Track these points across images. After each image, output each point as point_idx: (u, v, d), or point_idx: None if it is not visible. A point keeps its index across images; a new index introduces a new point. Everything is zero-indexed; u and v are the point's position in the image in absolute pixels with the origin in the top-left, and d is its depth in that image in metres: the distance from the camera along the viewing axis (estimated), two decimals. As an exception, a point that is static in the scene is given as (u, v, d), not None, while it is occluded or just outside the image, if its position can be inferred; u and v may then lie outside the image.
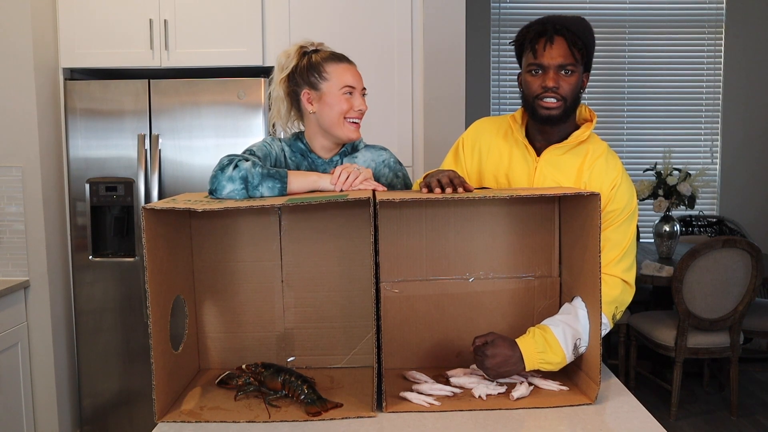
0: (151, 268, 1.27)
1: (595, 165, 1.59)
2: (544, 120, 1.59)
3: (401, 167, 1.80)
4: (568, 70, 1.56)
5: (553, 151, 1.61)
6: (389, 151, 1.81)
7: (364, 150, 1.77)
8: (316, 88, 1.67)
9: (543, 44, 1.56)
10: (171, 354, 1.37)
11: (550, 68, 1.56)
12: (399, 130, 3.00)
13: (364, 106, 1.69)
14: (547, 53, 1.55)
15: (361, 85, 1.70)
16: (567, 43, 1.56)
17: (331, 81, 1.66)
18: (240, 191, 1.45)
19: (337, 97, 1.65)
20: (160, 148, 2.94)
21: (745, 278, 3.23)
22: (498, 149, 1.73)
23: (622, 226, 1.55)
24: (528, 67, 1.59)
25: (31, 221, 2.85)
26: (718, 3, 4.63)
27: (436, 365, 1.52)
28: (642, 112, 4.71)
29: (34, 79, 2.80)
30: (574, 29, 1.58)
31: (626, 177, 1.61)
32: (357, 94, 1.68)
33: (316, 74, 1.66)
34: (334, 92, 1.65)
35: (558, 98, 1.56)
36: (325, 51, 1.71)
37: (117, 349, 3.01)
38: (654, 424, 1.23)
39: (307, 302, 1.55)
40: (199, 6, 2.95)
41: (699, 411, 3.57)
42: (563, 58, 1.55)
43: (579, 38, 1.57)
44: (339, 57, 1.70)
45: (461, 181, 1.40)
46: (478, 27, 4.62)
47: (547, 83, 1.55)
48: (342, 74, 1.66)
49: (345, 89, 1.66)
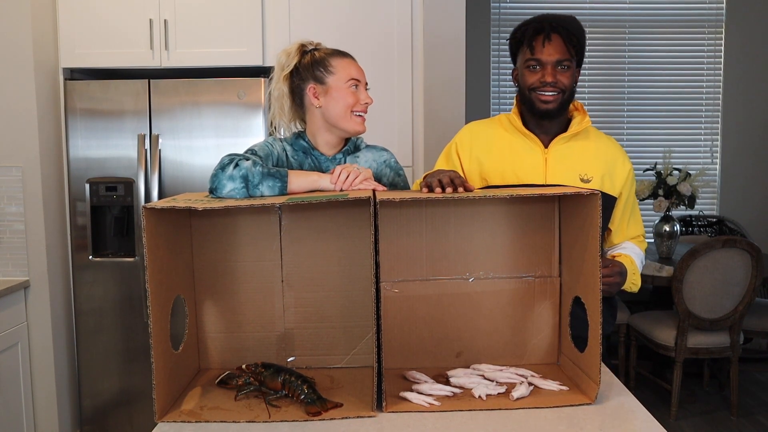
0: (151, 268, 1.27)
1: (609, 148, 1.77)
2: (542, 113, 1.69)
3: (402, 168, 1.82)
4: (564, 66, 1.66)
5: (560, 141, 1.71)
6: (390, 152, 1.82)
7: (365, 150, 1.78)
8: (322, 82, 1.67)
9: (541, 41, 1.65)
10: (171, 354, 1.37)
11: (548, 64, 1.65)
12: (399, 130, 3.00)
13: (369, 99, 1.70)
14: (546, 50, 1.65)
15: (365, 79, 1.71)
16: (563, 39, 1.66)
17: (337, 74, 1.67)
18: (240, 190, 1.45)
19: (343, 90, 1.66)
20: (160, 148, 2.94)
21: (745, 278, 3.23)
22: (499, 148, 1.75)
23: (637, 203, 1.85)
24: (526, 63, 1.68)
25: (31, 221, 2.85)
26: (718, 3, 4.63)
27: (436, 365, 1.52)
28: (642, 112, 4.71)
29: (34, 79, 2.80)
30: (569, 27, 1.67)
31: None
32: (362, 87, 1.70)
33: (321, 68, 1.67)
34: (341, 85, 1.66)
35: (556, 91, 1.66)
36: (326, 48, 1.73)
37: (117, 349, 3.01)
38: (654, 424, 1.23)
39: (307, 302, 1.55)
40: (199, 6, 2.95)
41: (699, 411, 3.57)
42: (560, 54, 1.65)
43: (573, 35, 1.67)
44: (342, 52, 1.71)
45: (462, 181, 1.40)
46: (478, 26, 4.62)
47: (546, 78, 1.65)
48: (347, 67, 1.68)
49: (351, 82, 1.67)
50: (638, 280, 1.76)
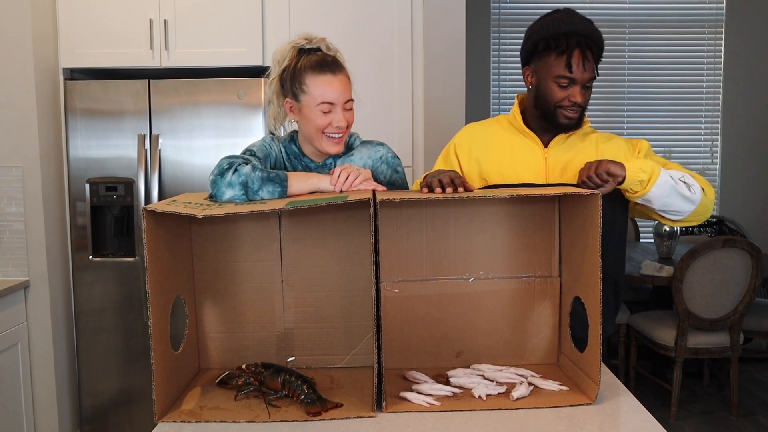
0: (151, 269, 1.27)
1: (609, 146, 1.74)
2: (565, 128, 1.68)
3: (399, 162, 1.76)
4: (589, 85, 1.64)
5: (560, 140, 1.72)
6: (386, 146, 1.76)
7: (360, 147, 1.73)
8: (297, 99, 1.61)
9: (580, 60, 1.59)
10: (171, 354, 1.37)
11: (579, 83, 1.62)
12: (399, 130, 3.00)
13: (343, 122, 1.59)
14: (583, 68, 1.60)
15: (344, 99, 1.59)
16: (594, 57, 1.62)
17: (309, 95, 1.58)
18: (240, 197, 1.44)
19: (314, 113, 1.58)
20: (160, 148, 2.94)
21: (745, 278, 3.23)
22: (497, 147, 1.75)
23: (656, 156, 1.76)
24: (557, 78, 1.62)
25: (31, 221, 2.85)
26: (718, 3, 4.63)
27: (436, 365, 1.52)
28: (642, 112, 4.71)
29: (34, 79, 2.80)
30: (599, 44, 1.63)
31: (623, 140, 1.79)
32: (338, 109, 1.58)
33: (297, 84, 1.59)
34: (312, 107, 1.58)
35: (581, 109, 1.65)
36: (312, 57, 1.61)
37: (117, 349, 3.01)
38: (654, 424, 1.23)
39: (307, 302, 1.55)
40: (199, 6, 2.95)
41: (699, 411, 3.57)
42: (590, 73, 1.62)
43: (601, 52, 1.64)
44: (323, 67, 1.58)
45: (462, 181, 1.40)
46: (478, 27, 4.62)
47: (576, 98, 1.62)
48: (321, 88, 1.57)
49: (323, 106, 1.57)
50: (647, 176, 1.56)
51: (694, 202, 1.62)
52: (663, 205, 1.61)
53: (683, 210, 1.63)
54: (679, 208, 1.62)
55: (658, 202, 1.60)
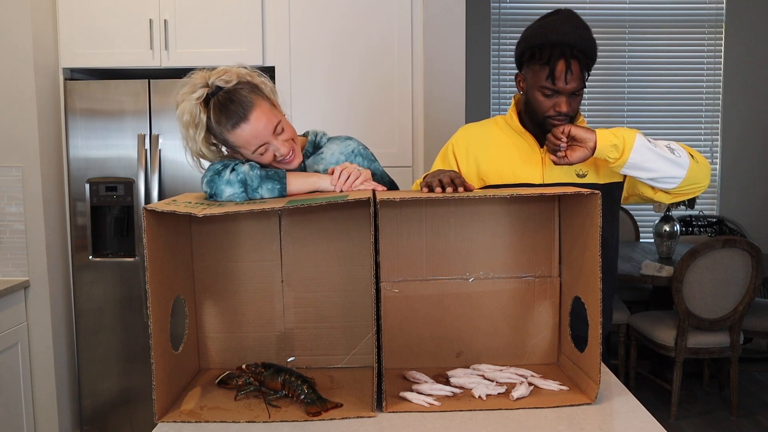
0: (151, 269, 1.27)
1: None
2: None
3: (371, 152, 1.75)
4: (577, 93, 1.63)
5: None
6: (355, 139, 1.73)
7: (328, 143, 1.70)
8: (235, 152, 1.56)
9: (563, 71, 1.59)
10: (171, 354, 1.37)
11: (564, 94, 1.61)
12: (399, 130, 3.00)
13: (284, 149, 1.53)
14: (566, 80, 1.60)
15: (270, 131, 1.51)
16: (580, 66, 1.61)
17: (242, 149, 1.53)
18: (239, 195, 1.44)
19: (255, 157, 1.53)
20: (160, 148, 2.94)
21: (745, 278, 3.23)
22: (495, 147, 1.75)
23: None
24: (542, 88, 1.62)
25: (31, 221, 2.85)
26: (718, 3, 4.63)
27: (436, 365, 1.52)
28: (642, 112, 4.71)
29: (34, 79, 2.80)
30: (587, 51, 1.61)
31: None
32: (273, 142, 1.52)
33: (226, 145, 1.55)
34: (250, 155, 1.53)
35: (569, 118, 1.65)
36: (220, 110, 1.49)
37: (117, 349, 3.01)
38: (654, 424, 1.23)
39: (307, 302, 1.55)
40: (199, 6, 2.95)
41: (699, 411, 3.57)
42: (577, 83, 1.61)
43: (591, 60, 1.62)
44: (236, 119, 1.48)
45: (462, 181, 1.40)
46: (478, 27, 4.62)
47: (562, 108, 1.62)
48: (245, 140, 1.50)
49: (258, 150, 1.52)
50: (619, 141, 1.54)
51: (682, 166, 1.56)
52: (649, 172, 1.56)
53: (673, 174, 1.57)
54: (667, 173, 1.57)
55: (643, 170, 1.56)
